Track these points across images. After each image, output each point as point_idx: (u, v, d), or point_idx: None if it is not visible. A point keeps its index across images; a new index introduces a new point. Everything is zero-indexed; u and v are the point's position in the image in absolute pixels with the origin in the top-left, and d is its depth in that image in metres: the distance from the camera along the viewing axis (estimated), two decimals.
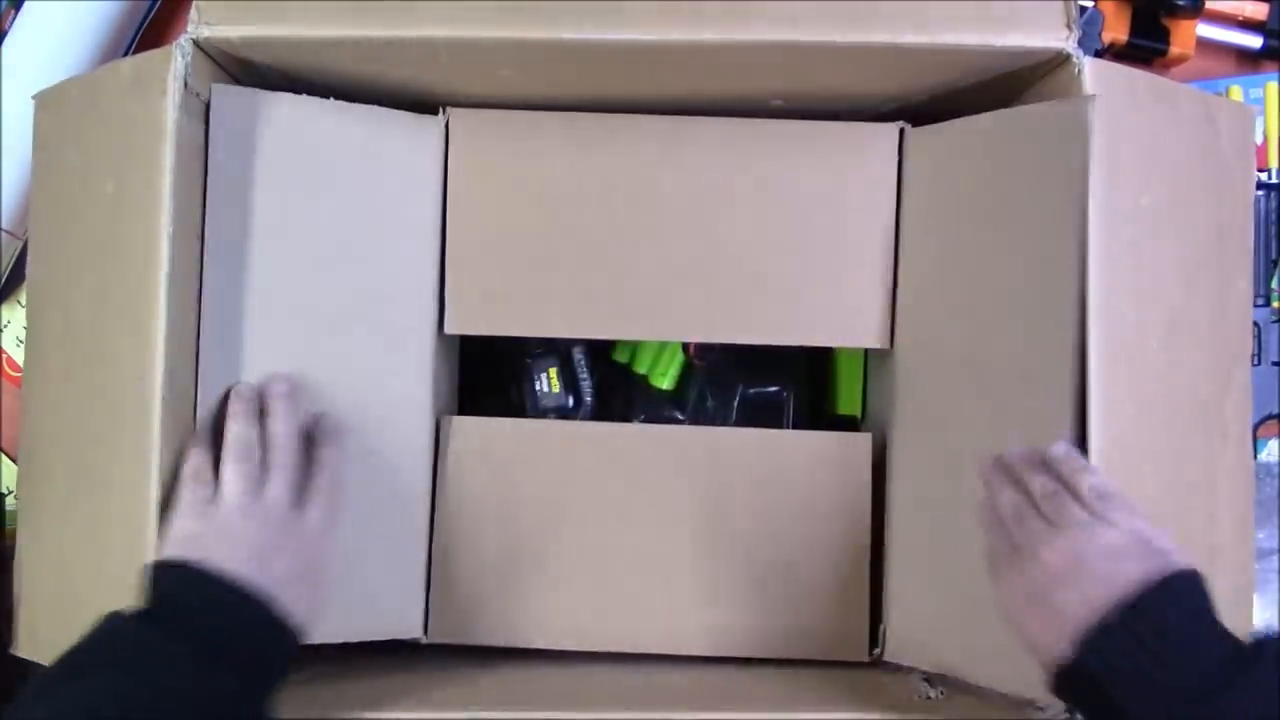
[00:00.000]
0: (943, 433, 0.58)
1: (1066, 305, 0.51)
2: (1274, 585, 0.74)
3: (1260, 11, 0.77)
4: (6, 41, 0.72)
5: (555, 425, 0.65)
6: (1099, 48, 0.75)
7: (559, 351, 0.66)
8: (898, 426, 0.61)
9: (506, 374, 0.70)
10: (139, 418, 0.51)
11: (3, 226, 0.72)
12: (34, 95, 0.59)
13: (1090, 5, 0.74)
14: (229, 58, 0.55)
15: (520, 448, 0.62)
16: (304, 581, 0.50)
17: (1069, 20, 0.53)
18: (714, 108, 0.61)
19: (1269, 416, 0.74)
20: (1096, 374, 0.50)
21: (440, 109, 0.61)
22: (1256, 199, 0.70)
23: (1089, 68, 0.52)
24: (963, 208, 0.58)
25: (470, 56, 0.55)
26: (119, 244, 0.53)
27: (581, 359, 0.66)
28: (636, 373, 0.68)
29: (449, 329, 0.61)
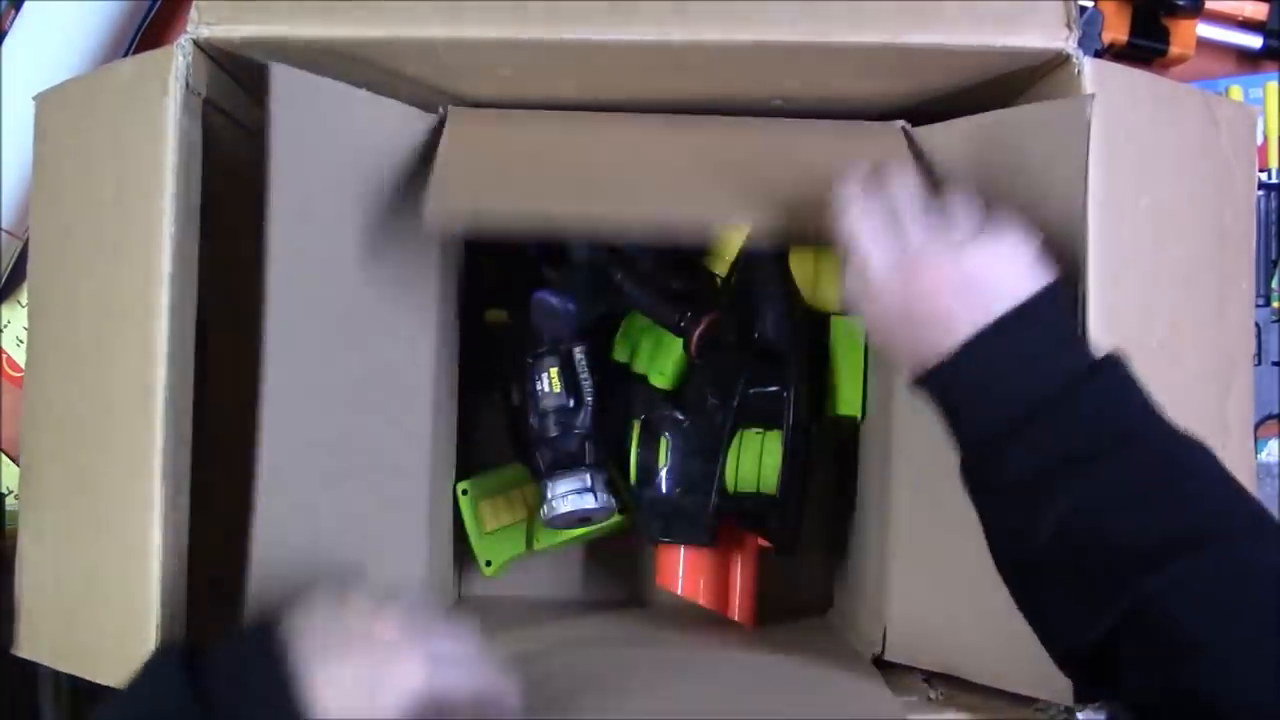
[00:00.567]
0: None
1: None
2: None
3: (1260, 11, 0.77)
4: (6, 41, 0.72)
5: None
6: (1099, 48, 0.75)
7: (559, 351, 0.66)
8: (898, 426, 0.61)
9: (507, 374, 0.70)
10: (140, 418, 0.51)
11: (3, 226, 0.72)
12: (35, 96, 0.59)
13: (1090, 5, 0.74)
14: (229, 57, 0.55)
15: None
16: None
17: (1069, 20, 0.53)
18: (715, 108, 0.61)
19: (1269, 416, 0.74)
20: None
21: (440, 109, 0.61)
22: (1257, 199, 0.70)
23: (1089, 68, 0.52)
24: None
25: (470, 56, 0.55)
26: (120, 244, 0.53)
27: (582, 359, 0.66)
28: (636, 372, 0.68)
29: (429, 224, 0.55)
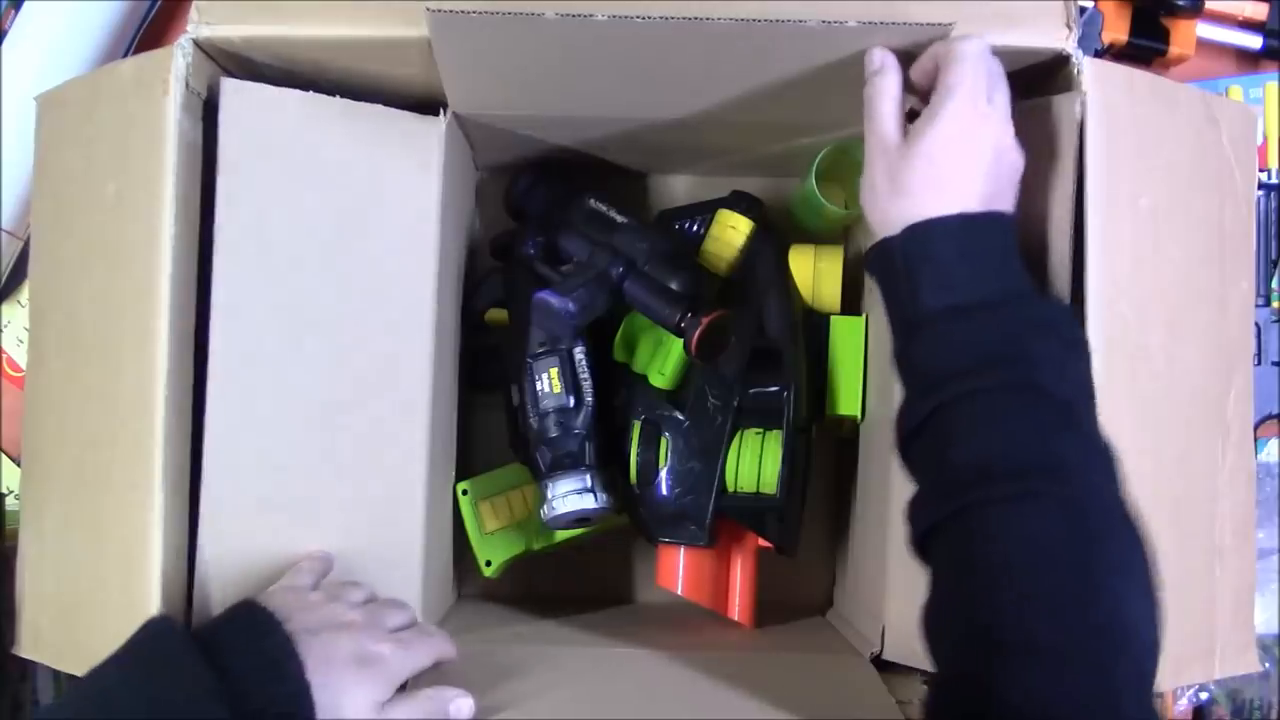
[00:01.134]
0: None
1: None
2: (1274, 585, 0.74)
3: (1260, 11, 0.77)
4: (6, 41, 0.72)
5: None
6: (1099, 48, 0.75)
7: (559, 351, 0.66)
8: None
9: (507, 374, 0.70)
10: (141, 418, 0.51)
11: (3, 226, 0.72)
12: (35, 96, 0.59)
13: (1090, 5, 0.74)
14: (229, 57, 0.55)
15: None
16: None
17: (1069, 20, 0.53)
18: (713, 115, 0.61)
19: (1269, 416, 0.74)
20: (1096, 374, 0.50)
21: (440, 109, 0.61)
22: (1257, 199, 0.70)
23: (1088, 68, 0.52)
24: None
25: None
26: (120, 244, 0.53)
27: (582, 359, 0.66)
28: (636, 372, 0.68)
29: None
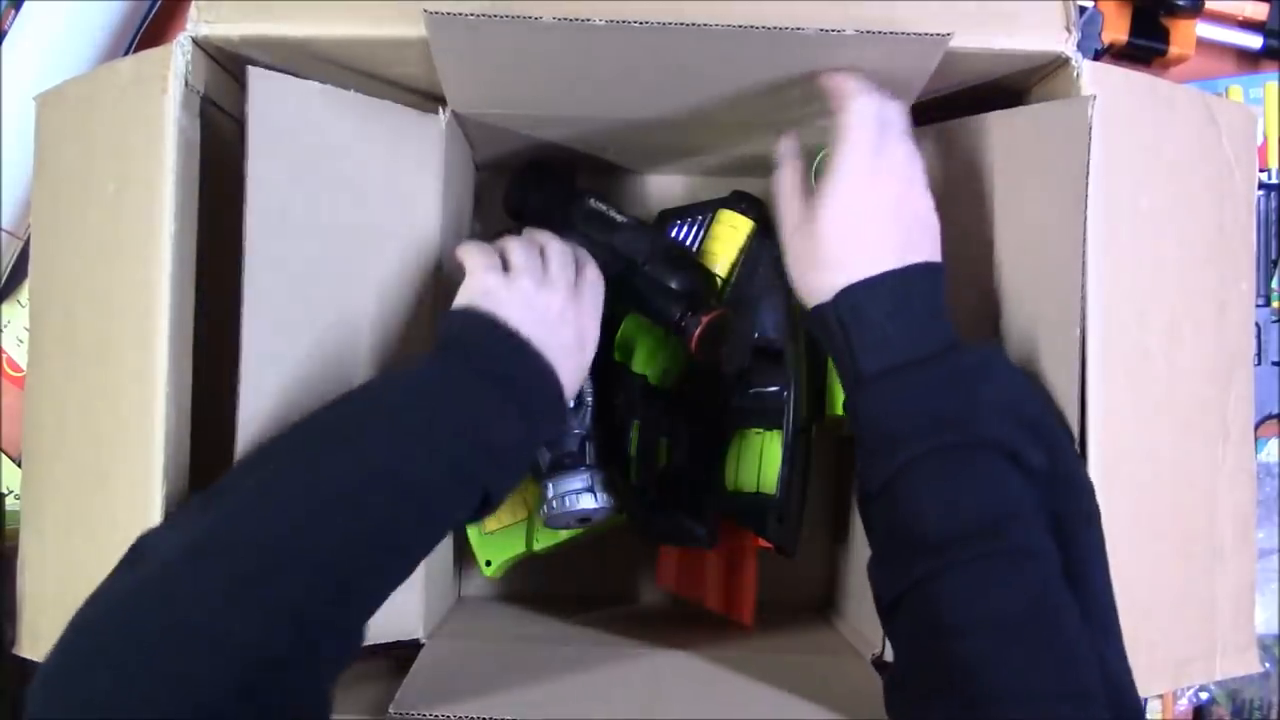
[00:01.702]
0: None
1: (1066, 306, 0.51)
2: (1274, 585, 0.74)
3: (1260, 11, 0.77)
4: (6, 41, 0.72)
5: None
6: (1099, 48, 0.75)
7: None
8: None
9: None
10: (141, 417, 0.51)
11: (3, 226, 0.72)
12: (35, 96, 0.59)
13: (1090, 5, 0.74)
14: (229, 56, 0.55)
15: None
16: (576, 356, 0.55)
17: (1068, 23, 0.53)
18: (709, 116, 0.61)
19: (1269, 416, 0.74)
20: (1096, 375, 0.50)
21: (440, 109, 0.61)
22: (1257, 199, 0.70)
23: (1088, 70, 0.52)
24: (961, 209, 0.58)
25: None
26: (120, 244, 0.53)
27: None
28: (636, 372, 0.68)
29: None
